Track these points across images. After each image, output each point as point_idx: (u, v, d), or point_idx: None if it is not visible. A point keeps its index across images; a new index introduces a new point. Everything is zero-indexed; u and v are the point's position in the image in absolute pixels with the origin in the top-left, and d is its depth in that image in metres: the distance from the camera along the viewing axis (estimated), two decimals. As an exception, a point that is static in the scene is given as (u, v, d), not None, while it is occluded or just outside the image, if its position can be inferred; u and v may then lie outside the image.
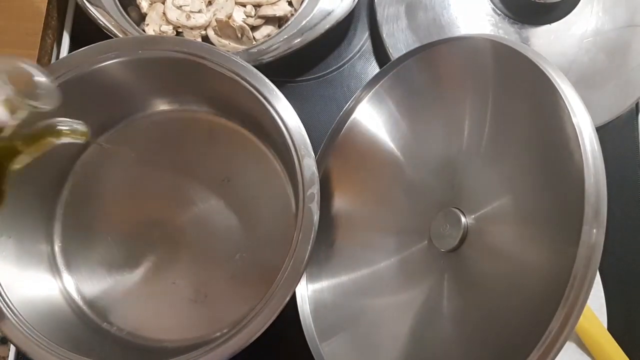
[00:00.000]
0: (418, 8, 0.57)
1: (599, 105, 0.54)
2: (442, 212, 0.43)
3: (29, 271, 0.49)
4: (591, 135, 0.34)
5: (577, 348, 0.51)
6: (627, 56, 0.55)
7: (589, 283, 0.32)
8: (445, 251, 0.42)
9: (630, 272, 0.55)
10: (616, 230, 0.56)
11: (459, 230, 0.41)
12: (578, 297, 0.32)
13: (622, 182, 0.57)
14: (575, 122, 0.34)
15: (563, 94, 0.35)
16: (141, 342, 0.50)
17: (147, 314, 0.51)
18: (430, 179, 0.46)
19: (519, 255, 0.37)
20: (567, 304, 0.32)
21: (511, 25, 0.56)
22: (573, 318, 0.32)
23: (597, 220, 0.32)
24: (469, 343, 0.39)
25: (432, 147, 0.46)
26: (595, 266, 0.32)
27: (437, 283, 0.42)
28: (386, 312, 0.46)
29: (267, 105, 0.45)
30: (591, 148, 0.34)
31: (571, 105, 0.35)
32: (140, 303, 0.51)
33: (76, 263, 0.52)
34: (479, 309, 0.39)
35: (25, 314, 0.43)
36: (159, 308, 0.51)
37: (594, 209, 0.32)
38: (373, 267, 0.47)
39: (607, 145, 0.35)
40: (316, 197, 0.44)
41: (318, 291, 0.50)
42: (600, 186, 0.33)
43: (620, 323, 0.52)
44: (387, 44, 0.57)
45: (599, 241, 0.32)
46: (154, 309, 0.51)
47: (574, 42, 0.55)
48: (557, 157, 0.36)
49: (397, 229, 0.47)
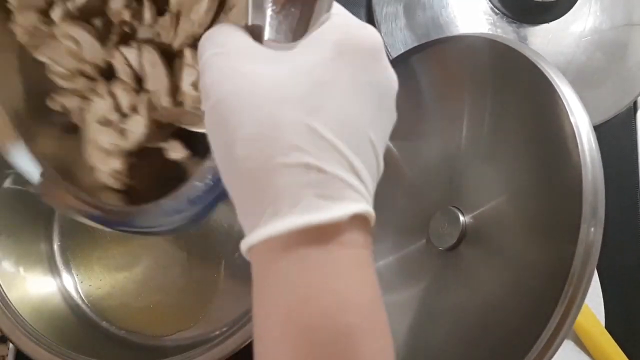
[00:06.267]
0: (416, 7, 0.57)
1: (596, 104, 0.54)
2: (440, 211, 0.43)
3: (28, 270, 0.49)
4: (589, 133, 0.34)
5: (574, 346, 0.51)
6: (624, 55, 0.55)
7: (587, 281, 0.32)
8: (443, 249, 0.42)
9: (627, 270, 0.55)
10: (614, 228, 0.56)
11: (457, 228, 0.41)
12: (576, 295, 0.32)
13: (619, 181, 0.57)
14: (573, 121, 0.34)
15: (561, 93, 0.35)
16: (140, 341, 0.50)
17: (146, 312, 0.51)
18: (428, 178, 0.46)
19: (517, 253, 0.37)
20: (565, 301, 0.32)
21: (509, 24, 0.56)
22: (571, 316, 0.32)
23: (594, 219, 0.32)
24: (468, 341, 0.39)
25: (430, 146, 0.46)
26: (593, 264, 0.32)
27: (436, 281, 0.42)
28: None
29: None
30: (589, 146, 0.34)
31: (569, 104, 0.35)
32: (139, 302, 0.51)
33: (75, 262, 0.52)
34: (477, 307, 0.39)
35: (25, 312, 0.43)
36: (157, 307, 0.51)
37: (591, 207, 0.32)
38: (372, 265, 0.47)
39: (604, 143, 0.35)
40: (315, 195, 0.43)
41: (317, 290, 0.50)
42: (598, 184, 0.33)
43: (618, 321, 0.52)
44: (386, 43, 0.57)
45: (597, 239, 0.32)
46: (153, 308, 0.51)
47: (572, 41, 0.55)
48: (555, 156, 0.36)
49: (395, 227, 0.47)
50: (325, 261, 0.22)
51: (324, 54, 0.22)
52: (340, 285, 0.22)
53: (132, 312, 0.51)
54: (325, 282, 0.22)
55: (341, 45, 0.23)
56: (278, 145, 0.21)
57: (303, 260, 0.21)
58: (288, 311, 0.22)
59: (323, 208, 0.21)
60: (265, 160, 0.21)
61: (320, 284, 0.21)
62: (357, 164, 0.23)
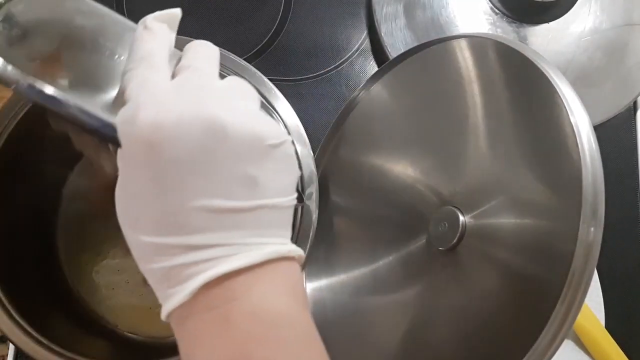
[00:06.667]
0: (416, 7, 0.57)
1: (596, 104, 0.54)
2: (440, 211, 0.43)
3: (28, 267, 0.49)
4: (589, 133, 0.34)
5: (575, 346, 0.51)
6: (624, 55, 0.55)
7: (587, 281, 0.32)
8: (443, 250, 0.42)
9: (627, 271, 0.55)
10: (614, 228, 0.56)
11: (457, 229, 0.41)
12: (576, 296, 0.32)
13: (619, 181, 0.57)
14: (573, 121, 0.34)
15: (561, 93, 0.35)
16: (140, 341, 0.50)
17: (146, 312, 0.51)
18: (428, 178, 0.46)
19: (516, 253, 0.37)
20: (565, 302, 0.32)
21: (509, 24, 0.56)
22: (571, 316, 0.32)
23: (594, 219, 0.32)
24: (467, 341, 0.39)
25: (430, 145, 0.46)
26: (593, 264, 0.32)
27: (435, 281, 0.42)
28: (385, 311, 0.46)
29: (266, 104, 0.46)
30: (589, 146, 0.34)
31: (569, 103, 0.35)
32: (139, 302, 0.51)
33: (75, 262, 0.52)
34: (476, 307, 0.39)
35: (24, 311, 0.43)
36: (157, 307, 0.51)
37: (591, 207, 0.32)
38: (371, 265, 0.47)
39: (604, 143, 0.35)
40: (315, 195, 0.44)
41: (317, 290, 0.50)
42: (597, 184, 0.33)
43: (618, 321, 0.52)
44: (386, 43, 0.57)
45: (597, 240, 0.32)
46: (153, 308, 0.51)
47: (572, 41, 0.55)
48: (555, 156, 0.36)
49: (395, 227, 0.47)
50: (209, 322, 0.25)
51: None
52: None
53: (132, 312, 0.51)
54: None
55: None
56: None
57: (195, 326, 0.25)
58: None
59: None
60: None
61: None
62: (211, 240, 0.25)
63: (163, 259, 0.25)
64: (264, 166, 0.25)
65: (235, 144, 0.24)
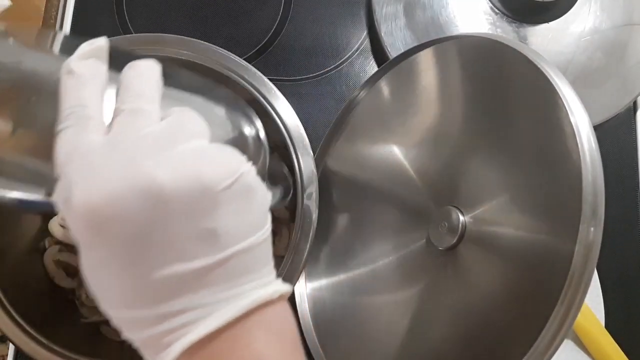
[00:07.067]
0: (416, 7, 0.57)
1: (596, 104, 0.54)
2: (440, 211, 0.43)
3: (27, 267, 0.49)
4: (589, 133, 0.34)
5: (574, 346, 0.51)
6: (624, 55, 0.55)
7: (587, 281, 0.32)
8: (443, 249, 0.42)
9: (627, 270, 0.55)
10: (614, 228, 0.56)
11: (457, 228, 0.41)
12: (576, 295, 0.32)
13: (619, 181, 0.57)
14: (573, 121, 0.34)
15: (561, 93, 0.35)
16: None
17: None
18: (428, 178, 0.46)
19: (516, 253, 0.37)
20: (564, 301, 0.32)
21: (509, 24, 0.56)
22: (571, 316, 0.32)
23: (594, 219, 0.32)
24: (467, 341, 0.39)
25: (430, 145, 0.46)
26: (592, 264, 0.32)
27: (435, 281, 0.42)
28: (385, 310, 0.46)
29: (266, 104, 0.46)
30: (589, 146, 0.34)
31: (569, 103, 0.35)
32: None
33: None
34: (476, 307, 0.39)
35: (24, 311, 0.43)
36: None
37: (591, 207, 0.32)
38: (371, 265, 0.48)
39: (604, 143, 0.35)
40: (315, 195, 0.44)
41: (317, 290, 0.50)
42: (597, 184, 0.33)
43: (617, 321, 0.52)
44: (386, 43, 0.57)
45: (597, 239, 0.32)
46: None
47: (572, 41, 0.55)
48: (554, 156, 0.36)
49: (395, 227, 0.47)
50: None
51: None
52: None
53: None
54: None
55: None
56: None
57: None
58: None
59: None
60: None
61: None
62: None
63: (139, 330, 0.24)
64: (220, 214, 0.23)
65: (180, 203, 0.22)
